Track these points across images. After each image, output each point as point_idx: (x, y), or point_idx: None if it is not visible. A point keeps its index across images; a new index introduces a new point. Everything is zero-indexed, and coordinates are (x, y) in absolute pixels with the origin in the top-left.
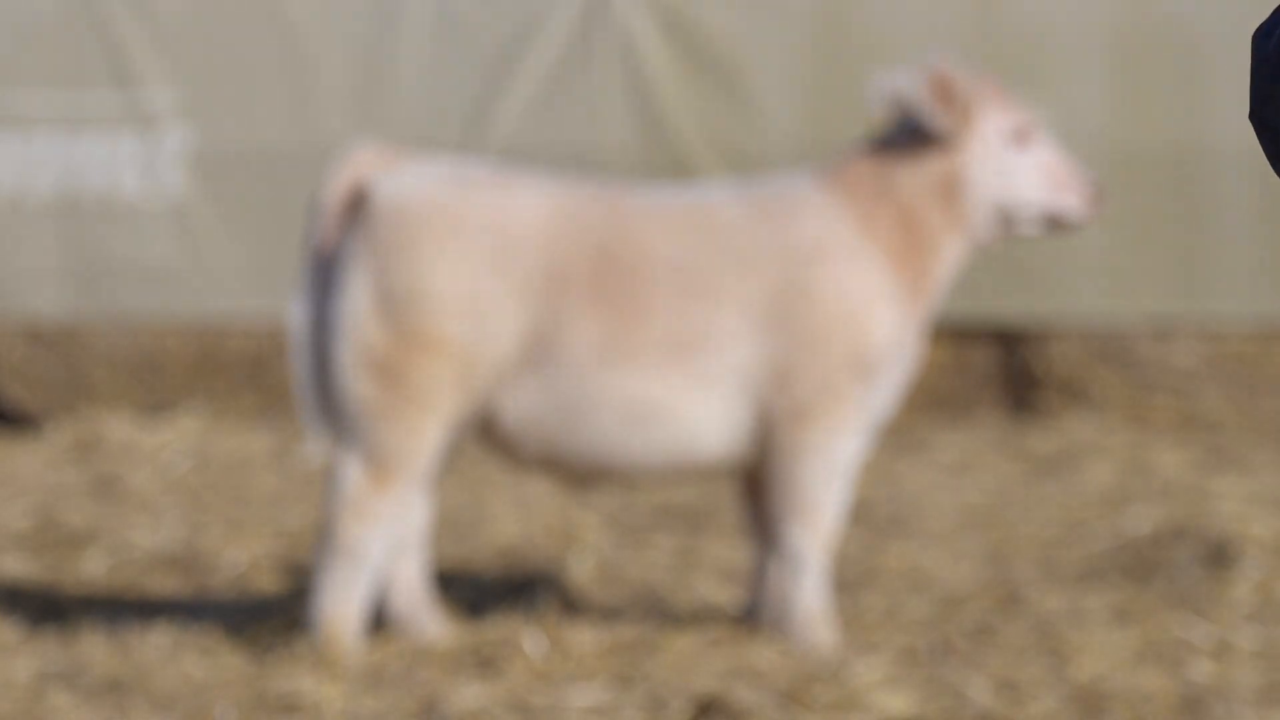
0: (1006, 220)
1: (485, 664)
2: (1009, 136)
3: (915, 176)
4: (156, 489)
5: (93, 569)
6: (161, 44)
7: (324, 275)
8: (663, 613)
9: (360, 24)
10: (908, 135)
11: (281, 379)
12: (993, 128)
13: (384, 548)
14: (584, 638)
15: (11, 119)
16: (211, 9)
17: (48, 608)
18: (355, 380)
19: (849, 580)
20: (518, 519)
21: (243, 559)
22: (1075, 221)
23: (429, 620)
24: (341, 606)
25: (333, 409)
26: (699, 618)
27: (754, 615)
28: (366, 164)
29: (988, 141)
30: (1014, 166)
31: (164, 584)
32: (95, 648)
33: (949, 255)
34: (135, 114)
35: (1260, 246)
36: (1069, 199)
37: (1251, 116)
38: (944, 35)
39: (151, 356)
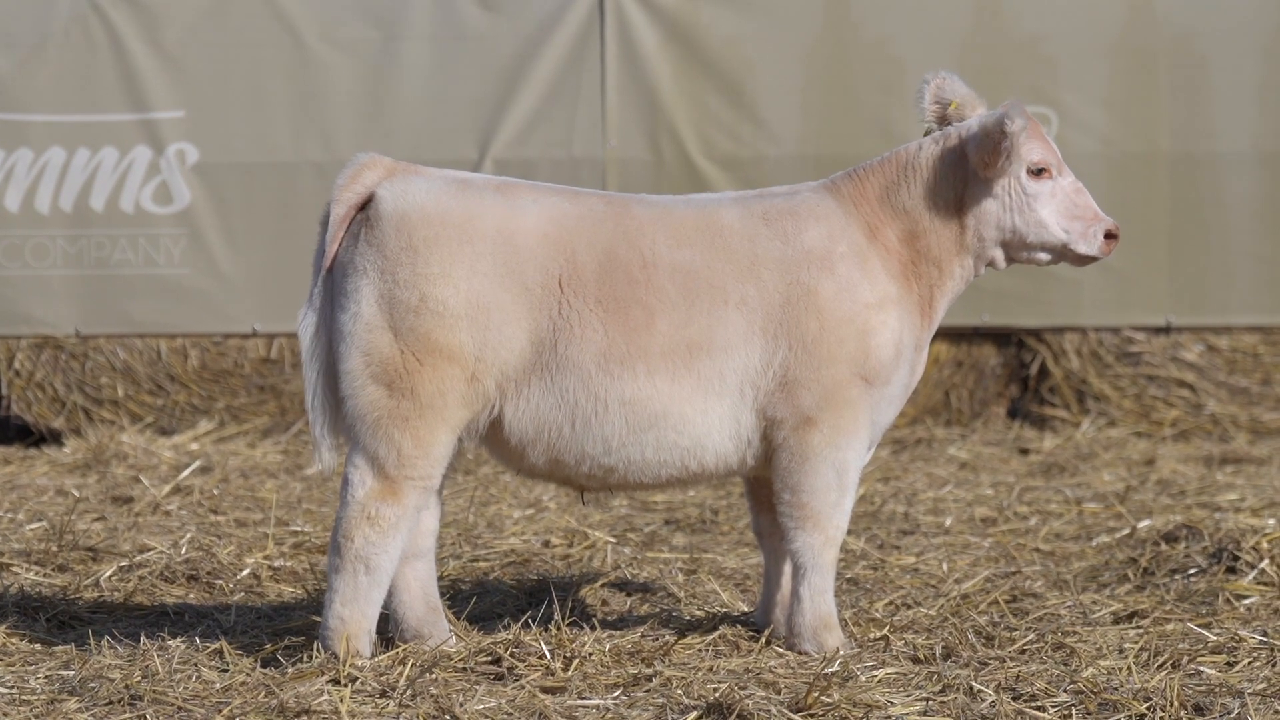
0: (1016, 250)
1: (497, 670)
2: (1031, 172)
3: (926, 197)
4: (170, 500)
5: (108, 579)
6: (170, 64)
7: (333, 286)
8: (672, 619)
9: (365, 40)
10: (927, 155)
11: (292, 389)
12: (1020, 163)
13: (395, 555)
14: (595, 644)
15: (24, 138)
16: (218, 29)
17: (63, 618)
18: (364, 389)
19: (857, 583)
20: (528, 526)
21: (256, 568)
22: (1086, 259)
23: (440, 626)
24: (354, 614)
25: (343, 418)
26: (709, 624)
27: (763, 620)
28: (374, 176)
29: (1015, 176)
30: (1030, 203)
31: (178, 594)
32: (110, 658)
33: (956, 274)
34: (145, 133)
35: (1263, 249)
36: (1082, 239)
37: None
38: (948, 45)
39: (164, 369)
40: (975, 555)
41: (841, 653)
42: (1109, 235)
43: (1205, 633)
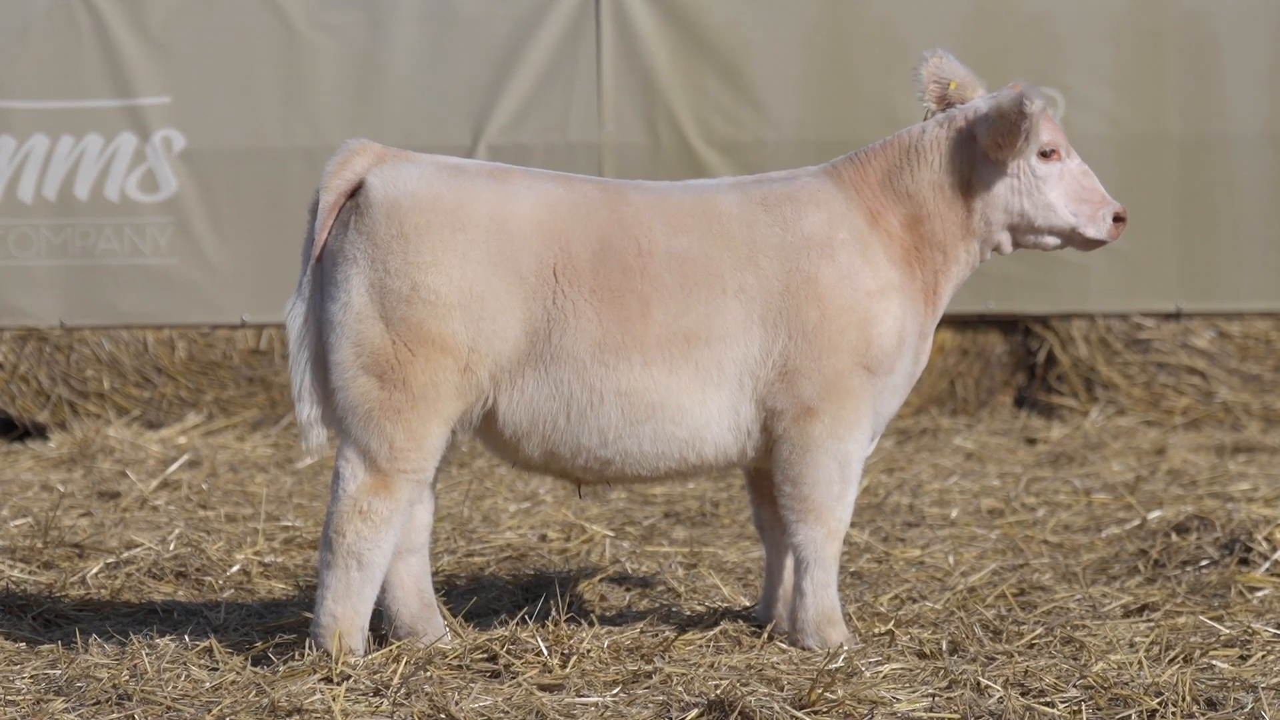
0: (1024, 234)
1: (493, 667)
2: (1040, 154)
3: (931, 180)
4: (157, 495)
5: (94, 576)
6: (155, 51)
7: (322, 275)
8: (672, 614)
9: (355, 24)
10: (931, 138)
11: (282, 381)
12: (1031, 148)
13: (389, 550)
14: (593, 640)
15: (6, 125)
16: (204, 13)
17: (49, 616)
18: (355, 380)
19: (861, 577)
20: (524, 520)
21: (246, 564)
22: (1094, 244)
23: (435, 623)
24: (347, 610)
25: (333, 410)
26: (709, 619)
27: (765, 615)
28: (363, 162)
29: (1025, 158)
30: (1038, 186)
31: (166, 591)
32: (98, 656)
33: (961, 259)
34: (131, 120)
35: (1274, 232)
36: (1090, 223)
37: None
38: (951, 25)
39: (150, 361)
40: (982, 548)
41: (845, 648)
42: (1117, 219)
43: (1218, 626)
